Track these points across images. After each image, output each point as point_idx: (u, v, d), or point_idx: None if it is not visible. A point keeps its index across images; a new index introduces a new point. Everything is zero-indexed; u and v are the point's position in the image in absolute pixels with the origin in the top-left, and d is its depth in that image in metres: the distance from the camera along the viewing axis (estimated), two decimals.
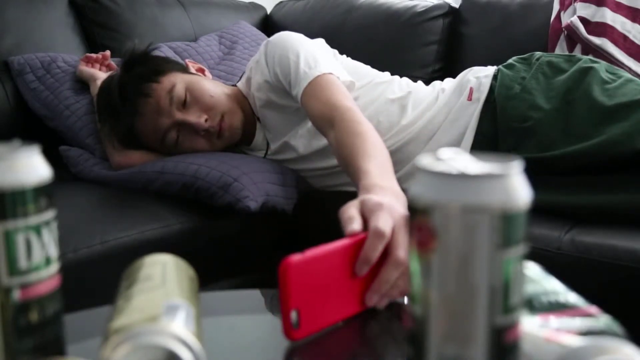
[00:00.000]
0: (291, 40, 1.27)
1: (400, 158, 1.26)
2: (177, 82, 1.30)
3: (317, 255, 0.55)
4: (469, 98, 1.27)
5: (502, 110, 1.22)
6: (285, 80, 1.23)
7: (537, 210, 0.49)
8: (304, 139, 1.31)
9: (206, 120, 1.29)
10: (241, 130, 1.36)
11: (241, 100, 1.38)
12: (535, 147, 1.16)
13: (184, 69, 1.41)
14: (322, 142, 1.25)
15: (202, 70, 1.48)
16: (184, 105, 1.29)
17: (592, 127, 1.13)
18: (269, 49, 1.29)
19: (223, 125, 1.32)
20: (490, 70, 1.31)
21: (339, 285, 0.58)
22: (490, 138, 1.23)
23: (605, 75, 1.21)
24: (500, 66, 1.31)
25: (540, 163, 1.13)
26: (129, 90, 1.29)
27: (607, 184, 1.09)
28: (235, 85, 1.44)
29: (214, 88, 1.35)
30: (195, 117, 1.29)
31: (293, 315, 0.54)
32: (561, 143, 1.14)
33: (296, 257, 0.54)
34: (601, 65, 1.24)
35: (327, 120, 1.08)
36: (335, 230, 0.63)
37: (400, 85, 1.35)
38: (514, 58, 1.33)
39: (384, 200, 0.66)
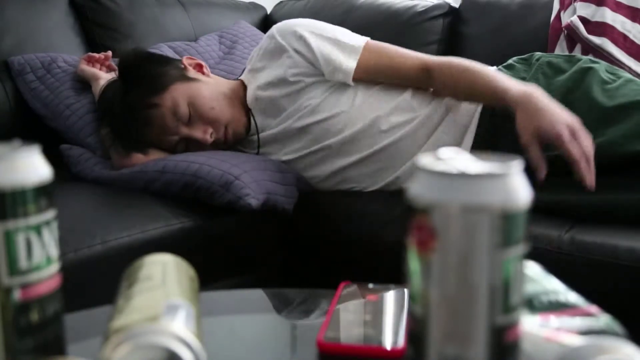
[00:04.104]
0: (310, 23, 1.35)
1: (398, 156, 1.26)
2: (179, 98, 1.29)
3: None
4: None
5: (502, 112, 1.22)
6: (326, 62, 1.28)
7: (537, 210, 0.49)
8: (317, 98, 1.32)
9: (211, 135, 1.31)
10: (245, 133, 1.37)
11: (242, 96, 1.38)
12: None
13: (182, 73, 1.36)
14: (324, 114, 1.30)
15: (200, 66, 1.43)
16: (188, 120, 1.31)
17: (592, 128, 1.12)
18: (290, 39, 1.32)
19: (227, 135, 1.34)
20: None
21: None
22: (489, 140, 1.22)
23: (605, 76, 1.20)
24: (499, 67, 1.31)
25: None
26: (132, 117, 1.30)
27: (607, 184, 1.09)
28: (238, 79, 1.43)
29: (214, 95, 1.33)
30: (201, 133, 1.31)
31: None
32: None
33: None
34: (601, 66, 1.23)
35: (424, 72, 1.26)
36: (333, 230, 0.63)
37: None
38: (514, 58, 1.33)
39: (547, 106, 1.03)
